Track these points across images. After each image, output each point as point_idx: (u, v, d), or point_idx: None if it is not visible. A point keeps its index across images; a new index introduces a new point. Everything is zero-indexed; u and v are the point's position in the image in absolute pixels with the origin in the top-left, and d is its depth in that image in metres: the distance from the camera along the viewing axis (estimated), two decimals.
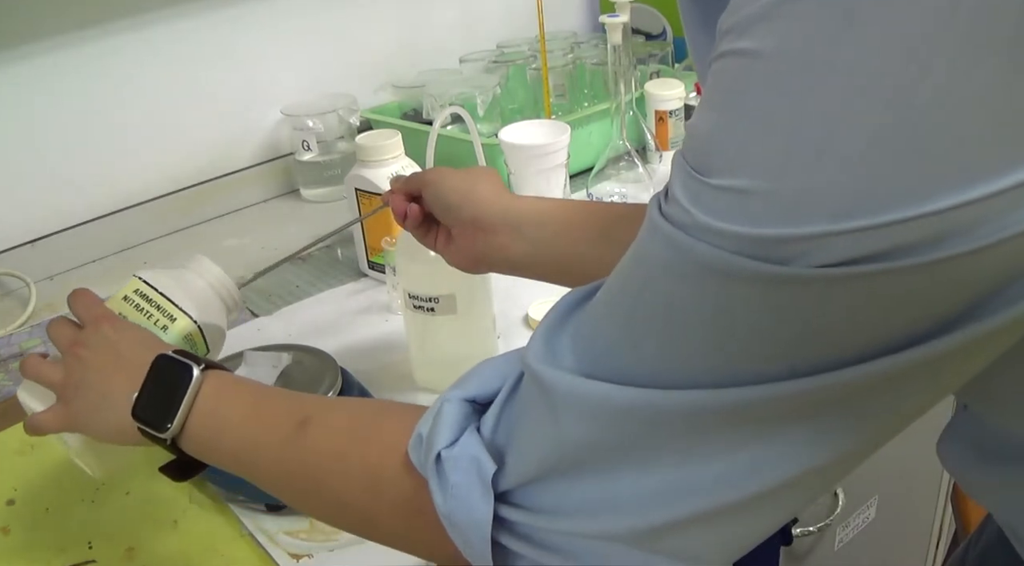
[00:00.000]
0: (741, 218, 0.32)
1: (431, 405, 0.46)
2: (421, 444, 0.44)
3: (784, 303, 0.33)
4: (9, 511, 0.77)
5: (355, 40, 1.39)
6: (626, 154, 1.16)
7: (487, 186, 0.71)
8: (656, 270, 0.36)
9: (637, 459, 0.37)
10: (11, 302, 1.12)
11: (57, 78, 1.16)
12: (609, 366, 0.37)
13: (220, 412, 0.56)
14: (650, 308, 0.36)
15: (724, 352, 0.35)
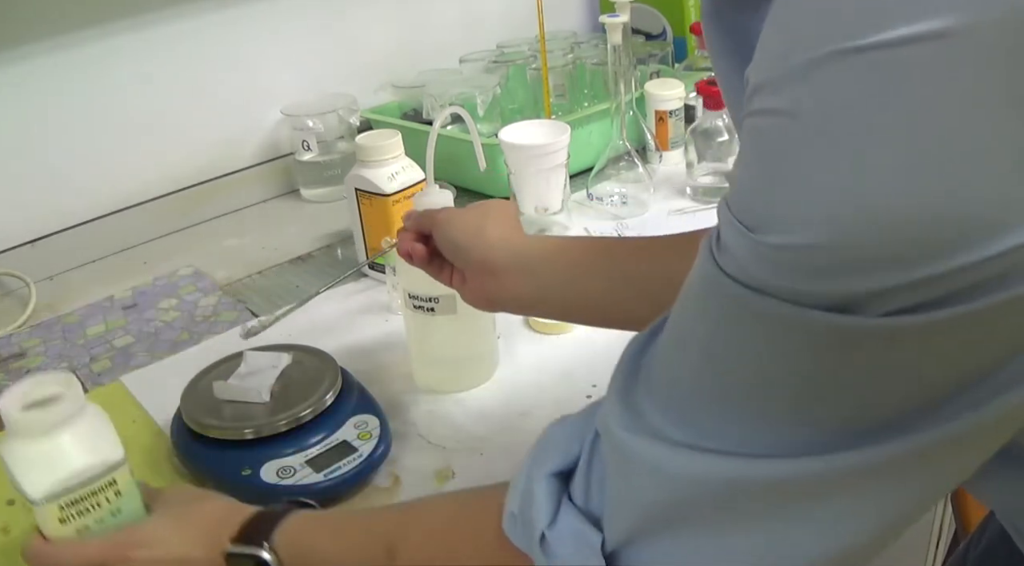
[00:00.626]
0: (806, 274, 0.33)
1: (514, 481, 0.47)
2: (517, 524, 0.45)
3: (865, 355, 0.34)
4: (9, 511, 0.76)
5: (355, 40, 1.39)
6: (626, 154, 1.16)
7: (496, 227, 0.72)
8: (724, 328, 0.37)
9: (722, 522, 0.38)
10: (11, 302, 1.12)
11: (57, 78, 1.16)
12: (691, 431, 0.38)
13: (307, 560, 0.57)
14: (726, 369, 0.37)
15: (805, 413, 0.36)
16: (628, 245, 0.74)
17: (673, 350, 0.40)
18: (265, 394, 0.77)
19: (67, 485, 0.60)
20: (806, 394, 0.35)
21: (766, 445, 0.37)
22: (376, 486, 0.75)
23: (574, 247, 0.72)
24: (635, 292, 0.70)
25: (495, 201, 0.76)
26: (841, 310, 0.33)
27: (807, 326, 0.34)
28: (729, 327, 0.36)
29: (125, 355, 0.99)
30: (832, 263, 0.32)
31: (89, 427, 0.61)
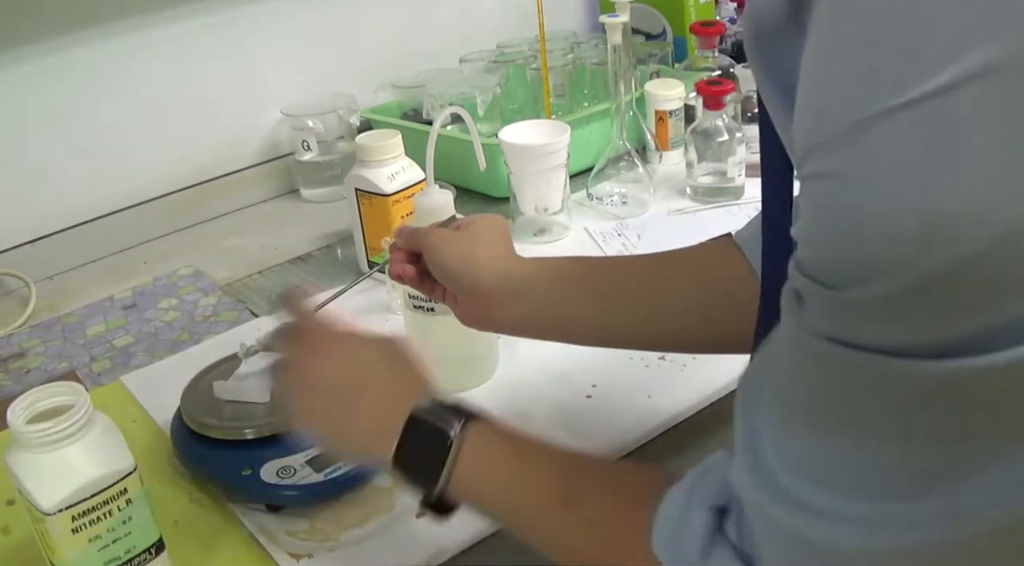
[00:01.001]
0: (891, 322, 0.34)
1: (668, 501, 0.47)
2: (668, 544, 0.46)
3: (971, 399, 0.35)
4: (9, 511, 0.77)
5: (355, 40, 1.39)
6: (626, 154, 1.16)
7: (485, 251, 0.72)
8: (824, 388, 0.38)
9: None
10: (11, 302, 1.12)
11: (57, 78, 1.16)
12: (820, 493, 0.39)
13: (483, 474, 0.57)
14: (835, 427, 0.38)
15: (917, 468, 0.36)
16: (619, 264, 0.74)
17: (781, 418, 0.41)
18: (265, 394, 0.77)
19: (78, 496, 0.60)
20: (916, 448, 0.36)
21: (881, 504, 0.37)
22: (376, 486, 0.75)
23: (564, 268, 0.73)
24: (627, 312, 0.71)
25: (485, 221, 0.76)
26: (938, 356, 0.34)
27: (904, 374, 0.35)
28: (826, 385, 0.38)
29: (125, 355, 0.99)
30: (917, 304, 0.34)
31: (98, 437, 0.61)
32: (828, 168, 0.35)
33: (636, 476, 0.55)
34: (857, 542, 0.38)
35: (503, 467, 0.57)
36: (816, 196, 0.36)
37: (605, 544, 0.52)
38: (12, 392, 0.93)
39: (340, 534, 0.71)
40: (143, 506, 0.63)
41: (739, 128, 1.16)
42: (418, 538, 0.70)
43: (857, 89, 0.33)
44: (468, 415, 0.58)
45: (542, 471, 0.56)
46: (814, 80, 0.36)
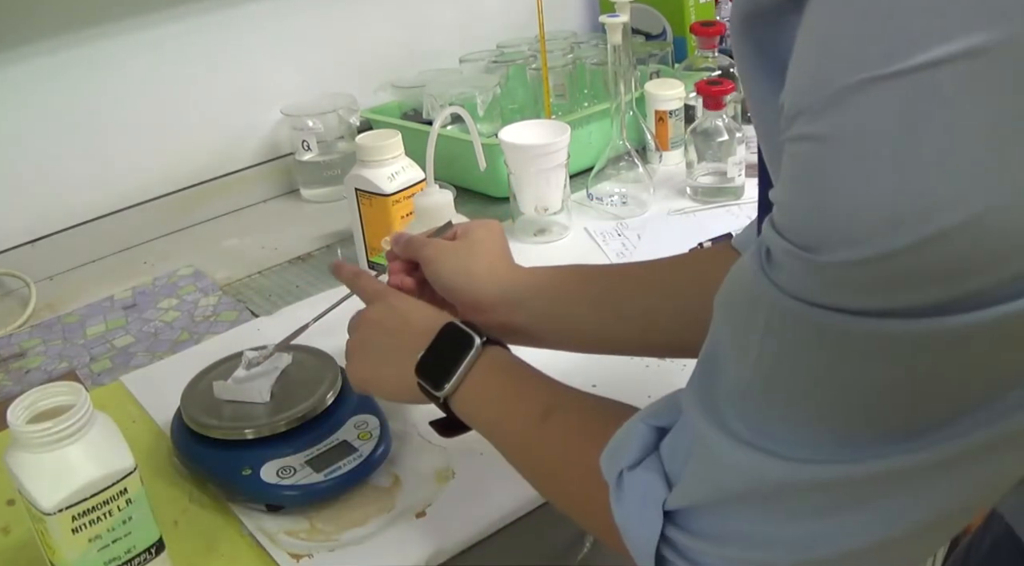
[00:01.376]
0: (862, 286, 0.35)
1: (630, 419, 0.51)
2: (608, 456, 0.50)
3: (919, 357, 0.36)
4: (9, 511, 0.77)
5: (355, 40, 1.39)
6: (626, 154, 1.16)
7: (482, 262, 0.74)
8: (778, 340, 0.39)
9: (781, 510, 0.42)
10: (11, 302, 1.12)
11: (57, 78, 1.16)
12: (754, 431, 0.42)
13: (486, 384, 0.62)
14: (780, 378, 0.40)
15: (854, 418, 0.39)
16: (617, 273, 0.75)
17: (734, 359, 0.43)
18: (265, 394, 0.78)
19: (78, 496, 0.60)
20: (857, 400, 0.38)
21: (814, 449, 0.40)
22: (376, 486, 0.75)
23: (562, 278, 0.73)
24: (627, 321, 0.71)
25: (481, 229, 0.76)
26: (899, 315, 0.35)
27: (865, 333, 0.36)
28: (782, 340, 0.39)
29: (125, 355, 0.99)
30: (887, 274, 0.34)
31: (98, 437, 0.61)
32: (812, 131, 0.35)
33: (614, 405, 0.57)
34: (780, 472, 0.41)
35: (503, 380, 0.62)
36: (798, 158, 0.36)
37: (567, 457, 0.56)
38: (12, 392, 0.93)
39: (340, 534, 0.71)
40: (143, 506, 0.63)
41: (739, 128, 1.16)
42: (418, 538, 0.70)
43: (846, 56, 0.34)
44: (494, 339, 0.64)
45: (531, 389, 0.61)
46: (807, 47, 0.36)
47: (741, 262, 0.42)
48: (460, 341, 0.63)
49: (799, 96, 0.36)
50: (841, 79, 0.34)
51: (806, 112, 0.35)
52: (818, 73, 0.35)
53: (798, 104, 0.36)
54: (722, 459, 0.43)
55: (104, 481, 0.61)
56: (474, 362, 0.62)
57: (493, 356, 0.63)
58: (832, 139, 0.34)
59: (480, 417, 0.63)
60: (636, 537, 0.47)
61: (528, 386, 0.61)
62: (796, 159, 0.36)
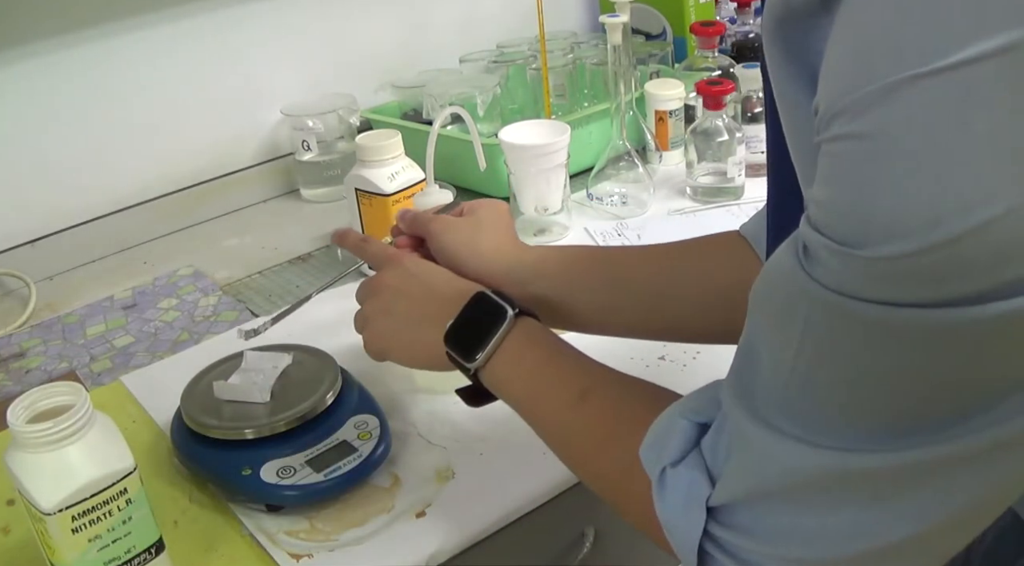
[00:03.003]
0: (905, 279, 0.36)
1: (663, 415, 0.51)
2: (650, 449, 0.50)
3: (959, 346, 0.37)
4: (9, 511, 0.77)
5: (355, 40, 1.39)
6: (626, 154, 1.16)
7: (489, 239, 0.73)
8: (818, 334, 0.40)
9: (822, 502, 0.42)
10: (11, 302, 1.12)
11: (57, 78, 1.16)
12: (794, 423, 0.42)
13: (519, 358, 0.62)
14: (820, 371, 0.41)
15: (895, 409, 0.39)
16: (625, 254, 0.74)
17: (773, 353, 0.43)
18: (265, 394, 0.78)
19: (78, 496, 0.60)
20: (900, 390, 0.39)
21: (856, 439, 0.40)
22: (376, 486, 0.75)
23: (568, 257, 0.73)
24: (634, 302, 0.71)
25: (488, 207, 0.76)
26: (941, 305, 0.35)
27: (907, 324, 0.36)
28: (824, 333, 0.39)
29: (125, 355, 0.99)
30: (928, 267, 0.35)
31: (98, 437, 0.61)
32: (852, 130, 0.36)
33: (650, 388, 0.57)
34: (822, 462, 0.41)
35: (537, 355, 0.61)
36: (838, 157, 0.37)
37: (605, 442, 0.56)
38: (12, 392, 0.93)
39: (340, 534, 0.71)
40: (143, 506, 0.63)
41: (739, 128, 1.16)
42: (418, 538, 0.70)
43: (885, 56, 0.34)
44: (526, 310, 0.63)
45: (567, 367, 0.60)
46: (842, 49, 0.37)
47: (776, 258, 0.42)
48: (492, 311, 0.63)
49: (836, 97, 0.36)
50: (880, 78, 0.34)
51: (845, 112, 0.36)
52: (856, 74, 0.36)
53: (835, 105, 0.36)
54: (763, 453, 0.43)
55: (104, 481, 0.61)
56: (507, 334, 0.61)
57: (526, 329, 0.62)
58: (873, 137, 0.35)
59: (512, 392, 0.62)
60: (679, 533, 0.48)
61: (563, 363, 0.61)
62: (836, 158, 0.37)
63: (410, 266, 0.70)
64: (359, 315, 0.71)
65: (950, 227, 0.34)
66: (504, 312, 0.62)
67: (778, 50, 0.44)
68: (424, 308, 0.67)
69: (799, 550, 0.44)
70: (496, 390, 0.63)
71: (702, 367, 0.86)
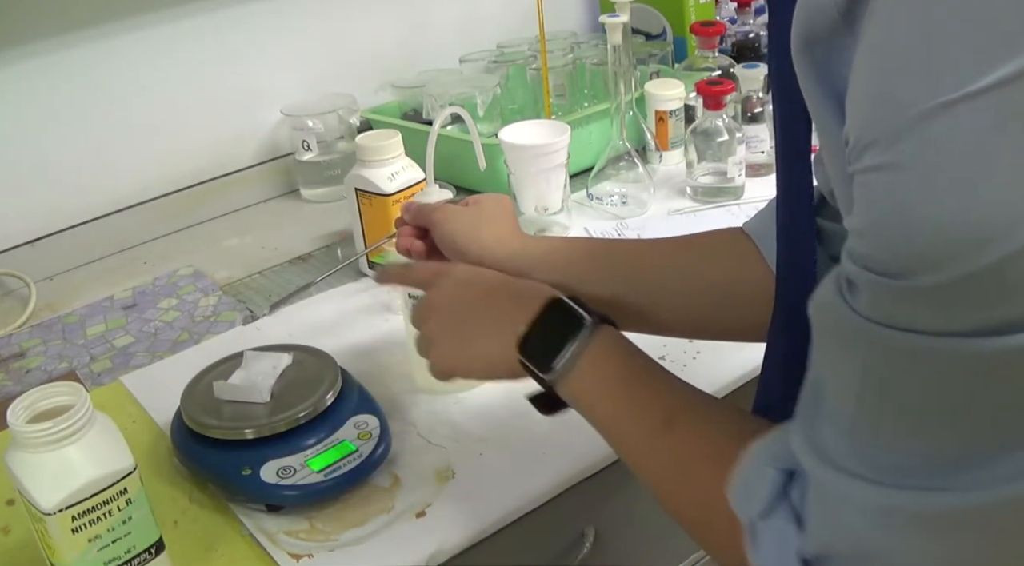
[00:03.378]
0: (953, 306, 0.35)
1: (751, 452, 0.49)
2: (739, 496, 0.48)
3: None
4: (9, 511, 0.77)
5: (355, 40, 1.39)
6: (626, 154, 1.16)
7: (493, 228, 0.73)
8: (875, 370, 0.39)
9: (912, 547, 0.40)
10: (11, 302, 1.12)
11: (57, 78, 1.16)
12: (867, 464, 0.41)
13: (599, 373, 0.59)
14: (884, 407, 0.39)
15: (965, 441, 0.38)
16: (629, 246, 0.74)
17: (835, 396, 0.42)
18: (265, 394, 0.78)
19: (78, 496, 0.60)
20: (971, 422, 0.37)
21: (934, 476, 0.39)
22: (376, 486, 0.75)
23: (571, 248, 0.72)
24: (636, 294, 0.70)
25: (491, 198, 0.76)
26: (995, 334, 0.35)
27: (965, 353, 0.36)
28: (882, 369, 0.39)
29: (125, 355, 0.99)
30: (976, 292, 0.34)
31: (98, 437, 0.61)
32: (887, 160, 0.35)
33: (734, 417, 0.56)
34: (905, 504, 0.39)
35: (619, 372, 0.58)
36: (874, 188, 0.36)
37: (688, 477, 0.54)
38: (12, 392, 0.93)
39: (340, 534, 0.71)
40: (143, 506, 0.63)
41: (739, 128, 1.16)
42: (418, 538, 0.70)
43: (913, 84, 0.34)
44: (604, 317, 0.60)
45: (652, 387, 0.58)
46: (868, 76, 0.37)
47: (821, 297, 0.41)
48: (568, 319, 0.60)
49: (866, 127, 0.36)
50: (911, 107, 0.34)
51: (877, 143, 0.36)
52: (884, 103, 0.35)
53: (866, 135, 0.36)
54: (842, 499, 0.42)
55: (104, 481, 0.61)
56: (586, 345, 0.59)
57: (606, 341, 0.59)
58: (908, 167, 0.35)
59: (592, 408, 0.59)
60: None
61: (648, 383, 0.58)
62: (872, 189, 0.37)
63: (461, 274, 0.67)
64: (421, 339, 0.68)
65: (995, 249, 0.33)
66: (580, 321, 0.59)
67: (807, 67, 0.44)
68: (491, 313, 0.64)
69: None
70: (574, 403, 0.60)
71: (702, 367, 0.86)
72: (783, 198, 0.56)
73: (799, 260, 0.56)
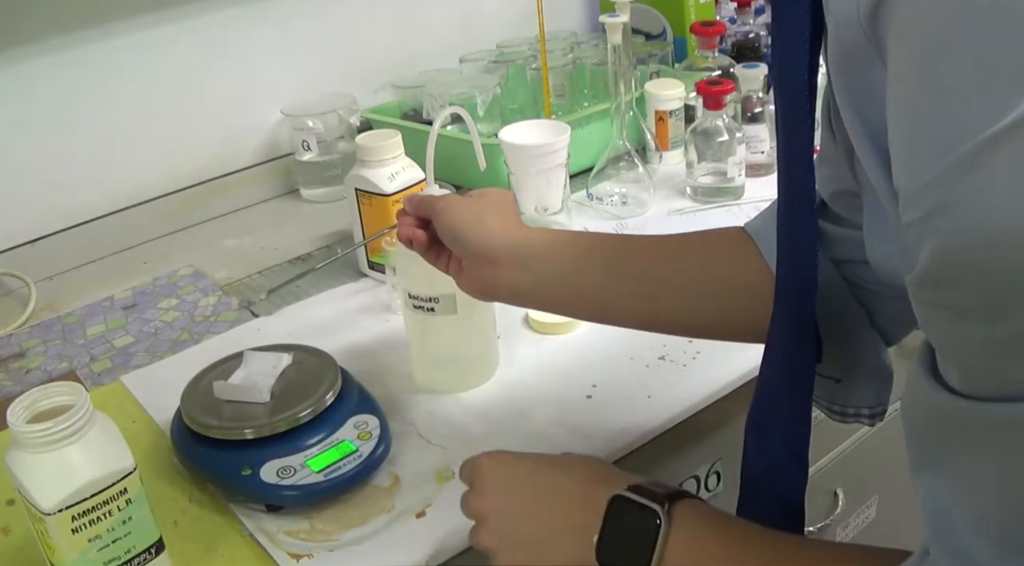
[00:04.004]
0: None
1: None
2: None
3: None
4: (9, 511, 0.77)
5: (355, 40, 1.39)
6: (626, 154, 1.16)
7: (495, 218, 0.72)
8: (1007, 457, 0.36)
9: None
10: (11, 302, 1.12)
11: (57, 78, 1.16)
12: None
13: (695, 559, 0.54)
14: None
15: None
16: (629, 241, 0.74)
17: (967, 503, 0.38)
18: (265, 394, 0.78)
19: (78, 496, 0.60)
20: None
21: None
22: (376, 486, 0.75)
23: (573, 241, 0.72)
24: (635, 288, 0.70)
25: (494, 191, 0.76)
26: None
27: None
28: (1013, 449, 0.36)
29: (125, 355, 0.99)
30: None
31: (98, 437, 0.61)
32: (945, 201, 0.33)
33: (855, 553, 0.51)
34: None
35: (715, 550, 0.54)
36: (934, 233, 0.34)
37: None
38: (12, 392, 0.93)
39: (340, 534, 0.71)
40: (143, 506, 0.63)
41: (739, 128, 1.16)
42: (418, 538, 0.70)
43: (951, 125, 0.33)
44: (674, 493, 0.55)
45: (759, 559, 0.53)
46: (906, 126, 0.35)
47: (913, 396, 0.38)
48: (641, 517, 0.54)
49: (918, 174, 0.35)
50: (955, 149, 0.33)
51: (931, 185, 0.34)
52: (930, 150, 0.34)
53: (917, 182, 0.35)
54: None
55: (104, 481, 0.61)
56: (667, 537, 0.53)
57: (688, 522, 0.54)
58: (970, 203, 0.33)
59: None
60: None
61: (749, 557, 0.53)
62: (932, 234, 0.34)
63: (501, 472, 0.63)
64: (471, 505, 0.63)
65: None
66: (654, 515, 0.54)
67: (841, 84, 0.43)
68: (551, 524, 0.58)
69: None
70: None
71: (702, 367, 0.86)
72: (784, 200, 0.56)
73: (800, 262, 0.56)
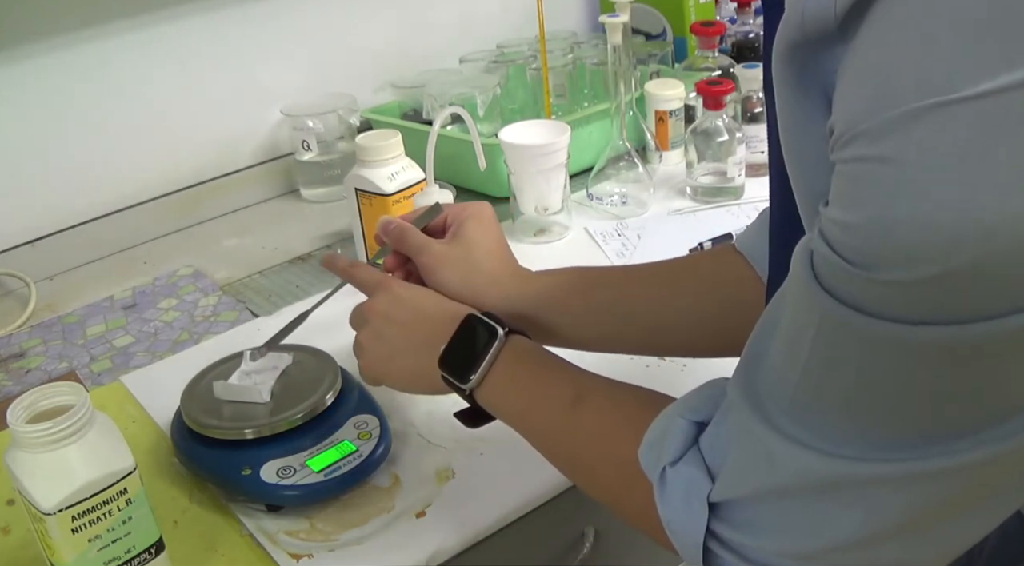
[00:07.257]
0: (917, 301, 0.36)
1: (660, 416, 0.52)
2: (651, 452, 0.51)
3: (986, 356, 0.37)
4: (9, 511, 0.77)
5: (355, 40, 1.39)
6: (626, 154, 1.16)
7: (484, 272, 0.73)
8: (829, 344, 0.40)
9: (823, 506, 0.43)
10: (11, 302, 1.12)
11: (57, 78, 1.16)
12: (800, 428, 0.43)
13: (512, 374, 0.63)
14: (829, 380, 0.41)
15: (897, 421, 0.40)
16: (624, 277, 0.75)
17: (783, 358, 0.44)
18: (265, 394, 0.78)
19: (78, 496, 0.60)
20: (909, 404, 0.39)
21: (866, 449, 0.41)
22: (376, 486, 0.75)
23: (568, 285, 0.73)
24: (636, 326, 0.73)
25: (474, 222, 0.75)
26: (953, 322, 0.36)
27: (920, 341, 0.37)
28: (835, 344, 0.40)
29: (125, 355, 0.99)
30: (944, 290, 0.35)
31: (98, 437, 0.61)
32: (872, 153, 0.36)
33: (643, 392, 0.58)
34: (827, 470, 0.42)
35: (529, 369, 0.63)
36: (856, 179, 0.37)
37: (602, 445, 0.56)
38: (12, 392, 0.93)
39: (340, 534, 0.71)
40: (143, 506, 0.63)
41: (739, 128, 1.16)
42: (418, 538, 0.70)
43: (910, 82, 0.35)
44: (516, 329, 0.65)
45: (558, 376, 0.62)
46: (863, 71, 0.37)
47: (800, 255, 0.42)
48: (483, 332, 0.64)
49: (856, 118, 0.36)
50: (904, 103, 0.34)
51: (865, 134, 0.36)
52: (878, 97, 0.36)
53: (855, 127, 0.36)
54: (768, 454, 0.44)
55: (104, 481, 0.61)
56: (499, 353, 0.63)
57: (517, 346, 0.64)
58: (895, 161, 0.35)
59: (508, 408, 0.63)
60: (682, 532, 0.48)
61: (555, 374, 0.62)
62: (854, 180, 0.37)
63: (399, 291, 0.71)
64: (355, 343, 0.72)
65: (973, 252, 0.34)
66: (494, 332, 0.64)
67: (791, 73, 0.44)
68: (416, 334, 0.68)
69: (804, 544, 0.44)
70: (492, 409, 0.64)
71: (701, 367, 0.86)
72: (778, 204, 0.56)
73: None
